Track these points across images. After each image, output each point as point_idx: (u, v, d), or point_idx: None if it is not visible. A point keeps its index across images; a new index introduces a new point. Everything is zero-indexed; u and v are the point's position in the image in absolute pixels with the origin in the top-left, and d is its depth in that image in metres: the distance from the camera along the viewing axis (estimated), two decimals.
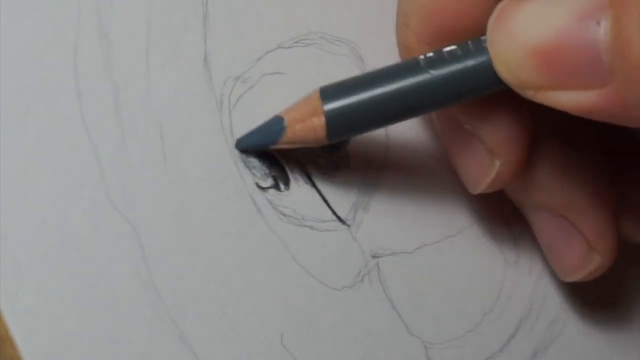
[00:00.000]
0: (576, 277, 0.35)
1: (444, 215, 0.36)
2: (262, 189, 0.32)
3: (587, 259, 0.34)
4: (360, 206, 0.34)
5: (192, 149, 0.31)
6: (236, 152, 0.32)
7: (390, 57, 0.34)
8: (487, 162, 0.33)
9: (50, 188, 0.29)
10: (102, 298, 0.29)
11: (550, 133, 0.34)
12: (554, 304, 0.37)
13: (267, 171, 0.33)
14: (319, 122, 0.31)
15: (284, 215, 0.33)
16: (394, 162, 0.35)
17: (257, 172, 0.32)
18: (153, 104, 0.31)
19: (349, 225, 0.34)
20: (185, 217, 0.31)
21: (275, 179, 0.33)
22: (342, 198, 0.34)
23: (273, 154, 0.33)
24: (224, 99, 0.32)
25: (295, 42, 0.34)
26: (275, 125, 0.32)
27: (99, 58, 0.30)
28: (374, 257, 0.34)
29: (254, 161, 0.32)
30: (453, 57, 0.31)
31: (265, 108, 0.32)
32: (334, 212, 0.33)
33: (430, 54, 0.31)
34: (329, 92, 0.31)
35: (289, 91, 0.33)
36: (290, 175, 0.33)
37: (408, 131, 0.35)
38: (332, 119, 0.31)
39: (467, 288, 0.36)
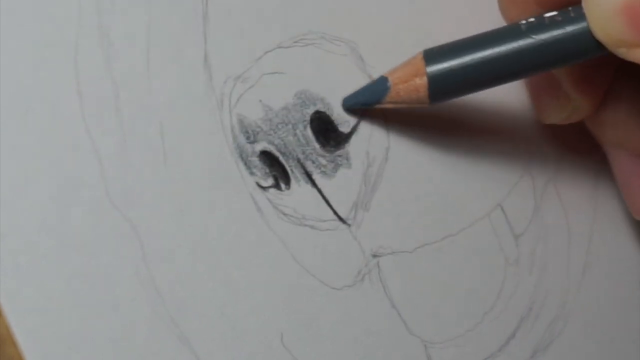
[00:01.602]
0: None
1: (444, 215, 0.36)
2: (263, 188, 0.32)
3: None
4: (360, 206, 0.34)
5: (192, 148, 0.31)
6: (236, 152, 0.32)
7: (390, 57, 0.34)
8: (564, 100, 0.35)
9: (50, 188, 0.29)
10: (102, 298, 0.29)
11: (630, 75, 0.35)
12: (553, 304, 0.37)
13: (267, 170, 0.33)
14: (422, 82, 0.32)
15: (285, 214, 0.33)
16: (394, 161, 0.35)
17: (257, 172, 0.32)
18: (153, 103, 0.31)
19: (349, 225, 0.34)
20: (185, 217, 0.31)
21: (275, 178, 0.33)
22: (342, 197, 0.34)
23: (273, 152, 0.33)
24: (224, 99, 0.32)
25: (295, 42, 0.34)
26: (380, 85, 0.33)
27: (99, 58, 0.30)
28: (374, 256, 0.34)
29: (255, 161, 0.32)
30: (553, 23, 0.32)
31: (265, 107, 0.33)
32: (334, 212, 0.34)
33: (532, 19, 0.32)
34: (432, 54, 0.33)
35: (288, 91, 0.33)
36: (291, 175, 0.33)
37: (408, 131, 0.35)
38: (435, 79, 0.32)
39: (467, 287, 0.36)
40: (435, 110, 0.35)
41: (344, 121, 0.34)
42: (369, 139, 0.34)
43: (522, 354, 0.36)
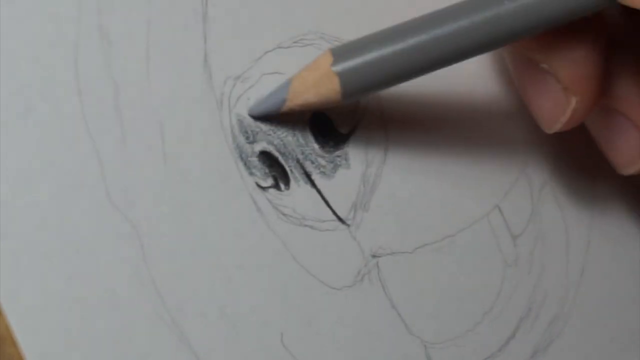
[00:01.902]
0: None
1: (443, 215, 0.36)
2: (262, 188, 0.32)
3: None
4: (359, 206, 0.34)
5: (192, 148, 0.31)
6: (236, 152, 0.32)
7: None
8: (563, 100, 0.34)
9: (50, 188, 0.29)
10: (102, 298, 0.29)
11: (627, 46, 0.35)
12: (553, 304, 0.37)
13: (267, 171, 0.33)
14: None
15: (284, 214, 0.33)
16: (392, 162, 0.35)
17: (257, 172, 0.32)
18: (153, 103, 0.31)
19: (348, 225, 0.34)
20: (185, 217, 0.31)
21: (275, 178, 0.33)
22: (341, 198, 0.34)
23: (272, 152, 0.33)
24: (224, 99, 0.32)
25: (295, 42, 0.34)
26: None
27: (99, 58, 0.30)
28: (373, 256, 0.34)
29: (254, 161, 0.32)
30: None
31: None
32: (333, 212, 0.34)
33: None
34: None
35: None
36: (290, 175, 0.33)
37: (407, 132, 0.35)
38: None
39: (467, 288, 0.36)
40: (434, 111, 0.35)
41: (343, 122, 0.34)
42: (367, 140, 0.35)
43: (522, 354, 0.36)
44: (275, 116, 0.32)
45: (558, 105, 0.34)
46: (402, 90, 0.35)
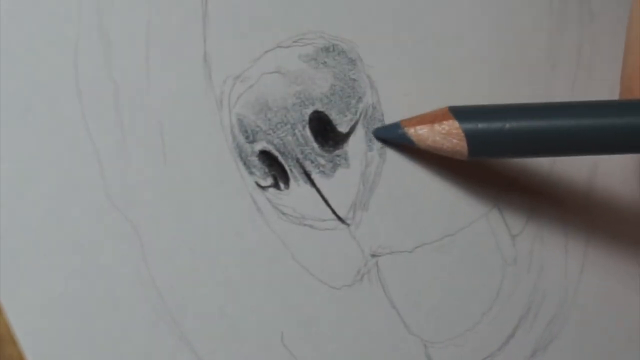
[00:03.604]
0: None
1: (442, 214, 0.36)
2: (262, 187, 0.32)
3: None
4: (359, 205, 0.34)
5: (192, 148, 0.31)
6: (236, 151, 0.32)
7: (388, 56, 0.34)
8: None
9: (50, 187, 0.29)
10: (102, 298, 0.29)
11: None
12: (552, 303, 0.37)
13: (266, 170, 0.33)
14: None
15: (284, 214, 0.33)
16: (392, 161, 0.35)
17: (256, 171, 0.32)
18: (153, 103, 0.31)
19: (348, 225, 0.34)
20: (185, 216, 0.31)
21: (275, 178, 0.33)
22: (341, 197, 0.34)
23: (272, 152, 0.33)
24: (224, 98, 0.32)
25: (295, 42, 0.34)
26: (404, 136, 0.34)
27: (99, 57, 0.30)
28: (373, 256, 0.34)
29: (254, 160, 0.32)
30: None
31: (265, 107, 0.33)
32: (333, 211, 0.34)
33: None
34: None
35: (287, 90, 0.33)
36: (290, 175, 0.33)
37: None
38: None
39: (466, 287, 0.36)
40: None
41: (343, 121, 0.34)
42: (367, 139, 0.35)
43: (522, 353, 0.36)
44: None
45: None
46: (402, 89, 0.35)
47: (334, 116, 0.34)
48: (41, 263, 0.28)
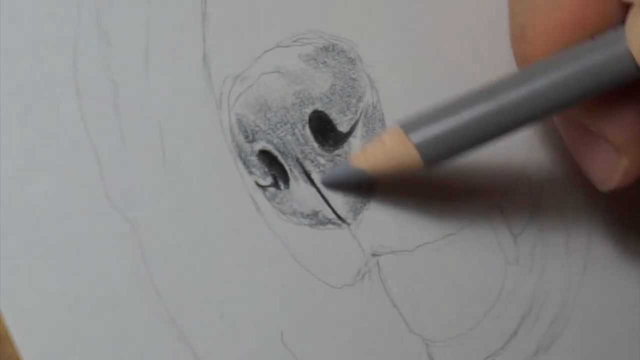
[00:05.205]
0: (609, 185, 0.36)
1: (444, 214, 0.36)
2: (262, 187, 0.32)
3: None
4: (359, 205, 0.34)
5: (192, 148, 0.31)
6: (235, 151, 0.32)
7: (388, 56, 0.34)
8: (615, 160, 0.34)
9: (50, 188, 0.29)
10: (101, 298, 0.29)
11: None
12: (555, 303, 0.37)
13: (266, 170, 0.33)
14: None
15: (284, 213, 0.33)
16: None
17: (256, 171, 0.32)
18: (152, 103, 0.31)
19: (348, 224, 0.34)
20: (185, 217, 0.31)
21: (274, 177, 0.33)
22: (341, 196, 0.34)
23: (271, 151, 0.33)
24: (223, 98, 0.32)
25: (294, 41, 0.34)
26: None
27: (98, 57, 0.30)
28: (374, 255, 0.34)
29: (254, 160, 0.32)
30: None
31: (265, 107, 0.33)
32: (333, 211, 0.33)
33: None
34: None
35: (287, 90, 0.33)
36: (290, 174, 0.33)
37: None
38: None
39: (468, 286, 0.36)
40: None
41: (343, 121, 0.34)
42: (366, 139, 0.34)
43: (525, 353, 0.36)
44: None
45: (610, 165, 0.35)
46: (402, 89, 0.35)
47: (334, 116, 0.34)
48: (40, 263, 0.28)
